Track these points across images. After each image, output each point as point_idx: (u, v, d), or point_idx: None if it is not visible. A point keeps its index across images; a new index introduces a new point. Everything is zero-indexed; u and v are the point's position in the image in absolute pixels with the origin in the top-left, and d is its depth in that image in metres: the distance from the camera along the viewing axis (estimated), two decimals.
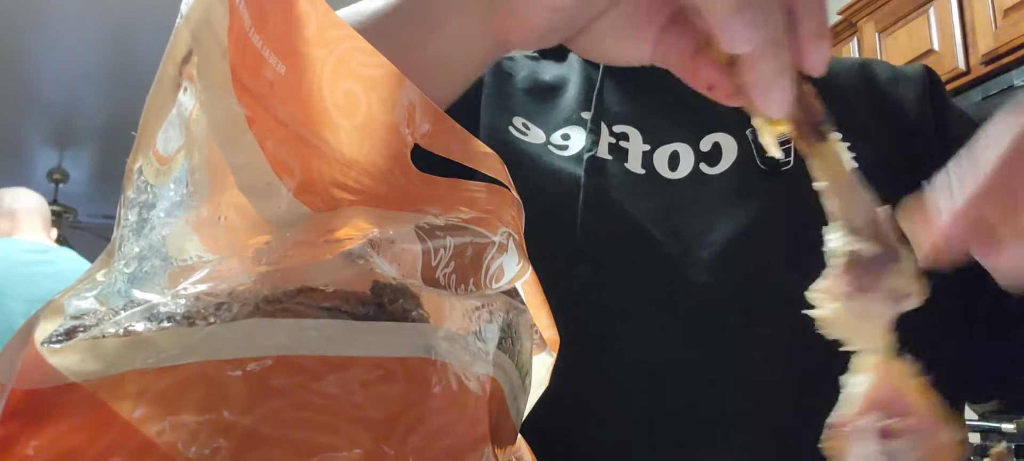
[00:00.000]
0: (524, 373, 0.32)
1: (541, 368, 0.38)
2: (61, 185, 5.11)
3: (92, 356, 0.22)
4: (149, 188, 0.27)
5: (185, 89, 0.28)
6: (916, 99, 0.57)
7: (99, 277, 0.26)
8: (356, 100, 0.31)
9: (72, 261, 2.13)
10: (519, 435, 0.33)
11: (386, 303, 0.26)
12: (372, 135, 0.31)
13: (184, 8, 0.27)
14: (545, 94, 0.60)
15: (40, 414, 0.21)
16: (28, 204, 2.31)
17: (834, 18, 2.52)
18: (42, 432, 0.21)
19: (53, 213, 4.64)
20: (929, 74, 0.60)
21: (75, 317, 0.24)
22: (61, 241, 3.08)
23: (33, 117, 4.54)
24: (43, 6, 3.35)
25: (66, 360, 0.22)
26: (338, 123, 0.30)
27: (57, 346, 0.22)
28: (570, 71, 0.62)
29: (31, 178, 5.13)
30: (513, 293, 0.33)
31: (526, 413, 0.35)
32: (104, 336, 0.23)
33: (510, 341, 0.31)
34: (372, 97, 0.31)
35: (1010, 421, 1.88)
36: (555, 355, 0.39)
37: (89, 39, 3.55)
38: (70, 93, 4.16)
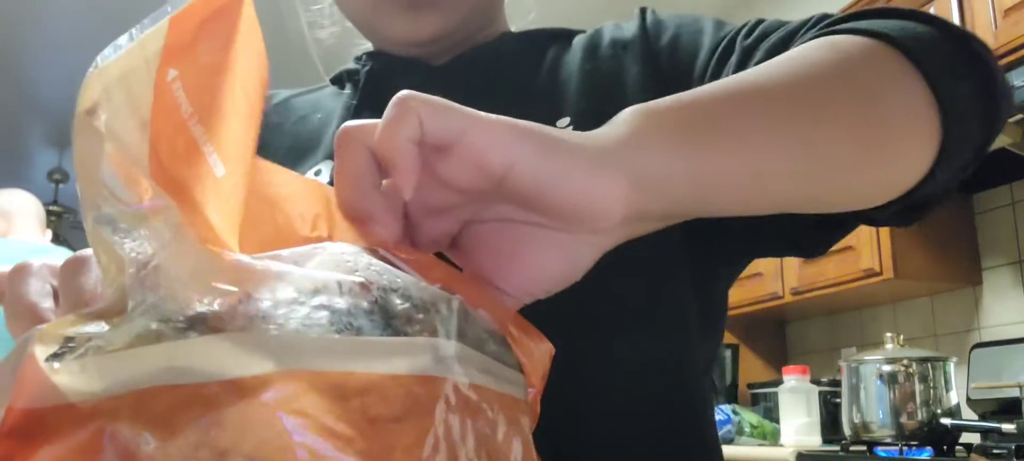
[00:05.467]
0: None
1: None
2: (61, 185, 5.10)
3: (90, 375, 0.22)
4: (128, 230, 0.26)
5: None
6: (633, 62, 0.58)
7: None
8: (263, 218, 0.30)
9: None
10: None
11: (391, 317, 0.25)
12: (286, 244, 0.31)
13: (99, 58, 0.26)
14: (309, 139, 0.62)
15: (36, 434, 0.21)
16: (22, 204, 2.31)
17: None
18: (38, 453, 0.21)
19: (53, 213, 4.65)
20: (641, 15, 0.61)
21: (74, 336, 0.24)
22: (60, 241, 3.08)
23: (33, 117, 4.54)
24: (43, 7, 3.34)
25: (65, 379, 0.22)
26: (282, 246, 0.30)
27: (57, 365, 0.22)
28: (337, 103, 0.64)
29: (31, 178, 5.13)
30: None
31: None
32: (103, 354, 0.22)
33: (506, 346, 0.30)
34: (290, 213, 0.31)
35: (1010, 421, 1.88)
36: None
37: (89, 39, 3.55)
38: (70, 93, 4.15)
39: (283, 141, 0.63)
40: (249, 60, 0.29)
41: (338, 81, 0.67)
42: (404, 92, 0.30)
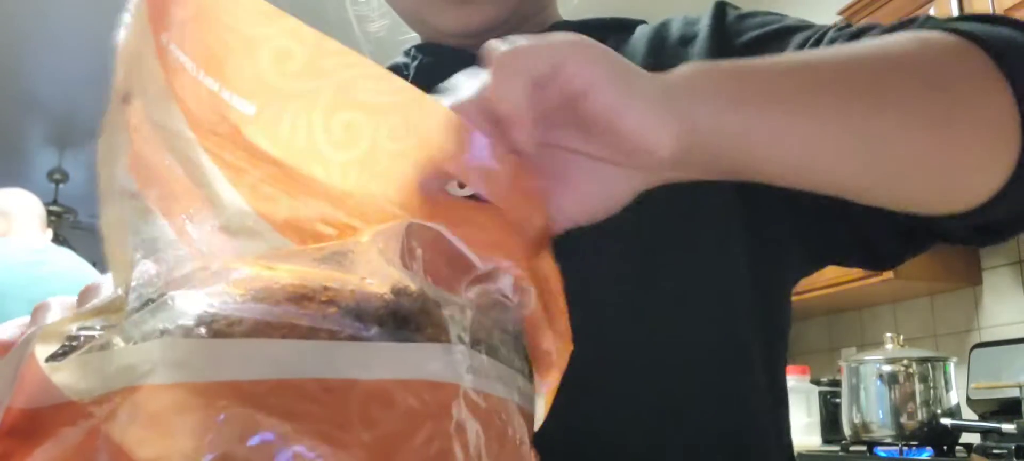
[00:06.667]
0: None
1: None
2: (61, 185, 5.10)
3: (90, 372, 0.22)
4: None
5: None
6: (699, 55, 0.56)
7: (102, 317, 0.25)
8: (358, 131, 0.28)
9: (71, 261, 2.13)
10: None
11: (404, 318, 0.25)
12: (374, 165, 0.29)
13: (118, 40, 0.26)
14: None
15: (36, 433, 0.21)
16: (22, 204, 2.31)
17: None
18: (37, 452, 0.21)
19: (53, 213, 4.64)
20: (717, 11, 0.58)
21: (78, 336, 0.23)
22: (61, 241, 3.07)
23: (33, 118, 4.53)
24: (44, 7, 3.34)
25: (64, 377, 0.22)
26: (329, 157, 0.28)
27: (58, 363, 0.22)
28: None
29: (31, 178, 5.12)
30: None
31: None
32: (102, 351, 0.22)
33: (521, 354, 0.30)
34: (380, 126, 0.29)
35: (1010, 421, 1.88)
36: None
37: (89, 40, 3.54)
38: (70, 94, 4.14)
39: None
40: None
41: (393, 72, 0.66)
42: (496, 50, 0.32)
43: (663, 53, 0.57)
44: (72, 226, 5.27)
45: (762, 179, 0.37)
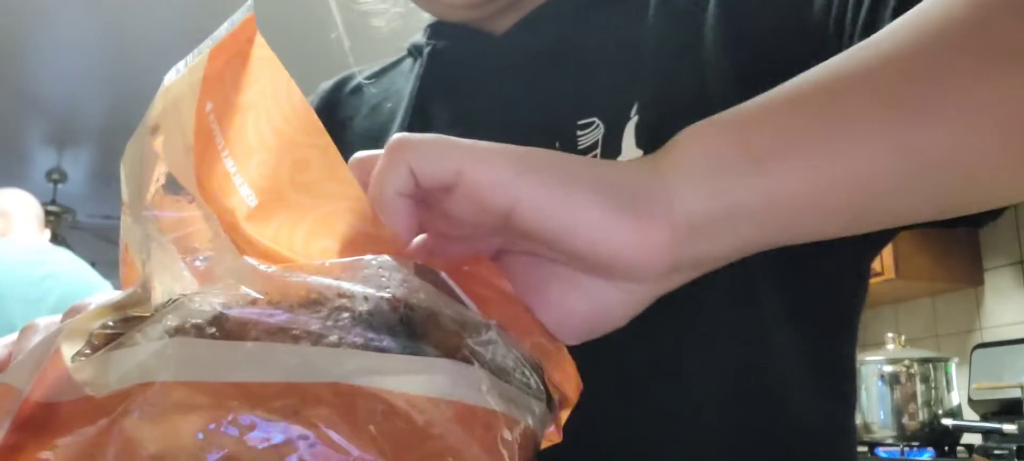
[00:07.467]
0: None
1: None
2: (60, 185, 5.10)
3: (107, 369, 0.22)
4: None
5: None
6: (715, 21, 0.47)
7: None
8: (330, 257, 0.29)
9: (69, 261, 2.13)
10: None
11: (413, 328, 0.25)
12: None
13: (166, 78, 0.27)
14: (382, 130, 0.59)
15: (51, 427, 0.22)
16: (21, 204, 2.31)
17: None
18: (50, 444, 0.21)
19: (52, 213, 4.65)
20: None
21: (96, 333, 0.24)
22: (59, 241, 3.09)
23: (32, 117, 4.54)
24: (43, 5, 3.34)
25: (84, 373, 0.22)
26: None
27: (80, 360, 0.23)
28: (407, 84, 0.61)
29: (30, 178, 5.13)
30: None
31: None
32: (121, 348, 0.23)
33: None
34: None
35: (1011, 422, 1.88)
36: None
37: (88, 39, 3.54)
38: (69, 93, 4.15)
39: (354, 138, 0.60)
40: (276, 99, 0.29)
41: (414, 52, 0.63)
42: (396, 137, 0.28)
43: (673, 11, 0.49)
44: (71, 226, 5.28)
45: (806, 239, 0.30)
